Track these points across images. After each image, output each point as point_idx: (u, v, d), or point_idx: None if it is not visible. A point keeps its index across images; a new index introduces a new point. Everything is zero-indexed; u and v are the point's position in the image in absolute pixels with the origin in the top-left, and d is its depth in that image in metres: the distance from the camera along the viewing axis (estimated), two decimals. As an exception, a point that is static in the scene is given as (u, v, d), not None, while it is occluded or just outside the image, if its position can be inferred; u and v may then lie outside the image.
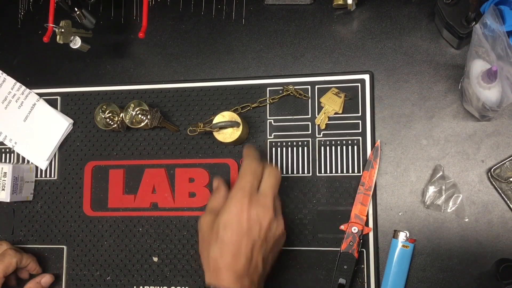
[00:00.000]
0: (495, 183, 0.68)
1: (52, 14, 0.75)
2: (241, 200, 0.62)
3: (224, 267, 0.61)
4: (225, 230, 0.62)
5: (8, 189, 0.76)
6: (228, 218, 0.62)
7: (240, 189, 0.63)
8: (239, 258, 0.61)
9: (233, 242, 0.61)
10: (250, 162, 0.66)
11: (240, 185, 0.64)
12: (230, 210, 0.62)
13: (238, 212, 0.62)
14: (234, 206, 0.62)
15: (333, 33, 0.76)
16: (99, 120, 0.77)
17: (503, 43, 0.60)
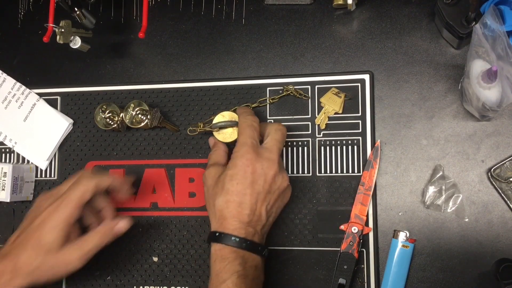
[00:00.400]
0: (495, 183, 0.68)
1: (52, 14, 0.75)
2: (246, 155, 0.65)
3: (229, 216, 0.64)
4: (231, 181, 0.65)
5: (8, 189, 0.76)
6: (234, 171, 0.65)
7: (243, 144, 0.66)
8: (244, 208, 0.64)
9: (238, 193, 0.64)
10: (245, 117, 0.69)
11: (242, 141, 0.66)
12: (236, 164, 0.65)
13: (244, 165, 0.65)
14: (239, 160, 0.65)
15: (333, 33, 0.76)
16: (99, 120, 0.77)
17: (503, 43, 0.60)
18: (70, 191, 0.66)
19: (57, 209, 0.64)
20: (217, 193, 0.66)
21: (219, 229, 0.65)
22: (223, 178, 0.66)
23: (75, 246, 0.65)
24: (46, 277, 0.65)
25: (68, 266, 0.65)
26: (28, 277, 0.63)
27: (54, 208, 0.64)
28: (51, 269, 0.64)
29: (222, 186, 0.65)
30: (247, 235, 0.64)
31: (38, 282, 0.64)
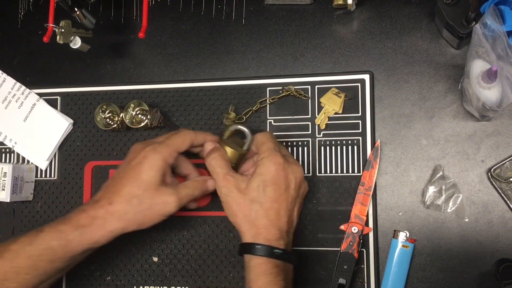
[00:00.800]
0: (495, 183, 0.68)
1: (52, 14, 0.75)
2: (276, 158, 0.64)
3: (269, 225, 0.63)
4: (267, 188, 0.63)
5: (8, 189, 0.76)
6: (268, 177, 0.63)
7: (270, 149, 0.65)
8: (282, 215, 0.64)
9: (276, 200, 0.63)
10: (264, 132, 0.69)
11: (268, 147, 0.65)
12: (269, 169, 0.63)
13: (277, 170, 0.63)
14: (272, 165, 0.63)
15: (333, 33, 0.76)
16: (99, 120, 0.77)
17: (503, 43, 0.60)
18: (169, 138, 0.67)
19: (156, 150, 0.65)
20: (253, 201, 0.63)
21: (259, 240, 0.62)
22: (256, 185, 0.63)
23: (172, 190, 0.65)
24: (140, 218, 0.64)
25: (166, 206, 0.64)
26: (120, 220, 0.63)
27: (152, 149, 0.65)
28: (148, 208, 0.64)
29: (257, 194, 0.63)
30: (286, 245, 0.64)
31: (131, 225, 0.64)
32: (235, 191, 0.64)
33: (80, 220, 0.63)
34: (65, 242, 0.62)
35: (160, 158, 0.65)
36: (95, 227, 0.63)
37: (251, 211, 0.63)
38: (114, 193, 0.64)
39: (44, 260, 0.62)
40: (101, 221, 0.63)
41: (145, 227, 0.65)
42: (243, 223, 0.64)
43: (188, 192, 0.66)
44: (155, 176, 0.64)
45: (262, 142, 0.66)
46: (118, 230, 0.64)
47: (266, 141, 0.66)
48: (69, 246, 0.63)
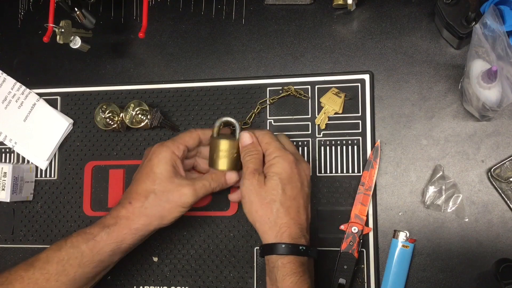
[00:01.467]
0: (495, 183, 0.68)
1: (52, 14, 0.75)
2: (288, 158, 0.65)
3: (292, 223, 0.63)
4: (286, 187, 0.64)
5: (8, 189, 0.76)
6: (285, 176, 0.64)
7: (278, 148, 0.66)
8: (302, 213, 0.65)
9: (295, 198, 0.64)
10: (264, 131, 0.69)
11: (276, 146, 0.66)
12: (285, 168, 0.64)
13: (292, 168, 0.65)
14: (287, 164, 0.65)
15: (333, 33, 0.76)
16: (99, 120, 0.77)
17: (503, 43, 0.60)
18: (177, 135, 0.69)
19: (162, 144, 0.67)
20: (274, 201, 0.64)
21: (283, 239, 0.63)
22: (275, 184, 0.64)
23: (187, 181, 0.66)
24: (160, 211, 0.65)
25: (182, 197, 0.65)
26: (142, 217, 0.65)
27: (159, 144, 0.67)
28: (165, 200, 0.65)
29: (277, 193, 0.64)
30: (307, 241, 0.65)
31: (153, 221, 0.65)
32: (258, 188, 0.65)
33: (105, 221, 0.66)
34: (92, 243, 0.64)
35: (167, 151, 0.66)
36: (120, 226, 0.65)
37: (272, 210, 0.64)
38: (132, 193, 0.67)
39: (73, 264, 0.64)
40: (125, 220, 0.65)
41: (168, 222, 0.66)
42: (264, 222, 0.64)
43: (204, 184, 0.67)
44: (166, 168, 0.66)
45: (268, 142, 0.67)
46: (142, 227, 0.65)
47: (272, 140, 0.67)
48: (96, 247, 0.64)
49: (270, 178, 0.64)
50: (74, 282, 0.64)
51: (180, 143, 0.68)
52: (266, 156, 0.67)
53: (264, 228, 0.64)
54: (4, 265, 0.80)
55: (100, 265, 0.65)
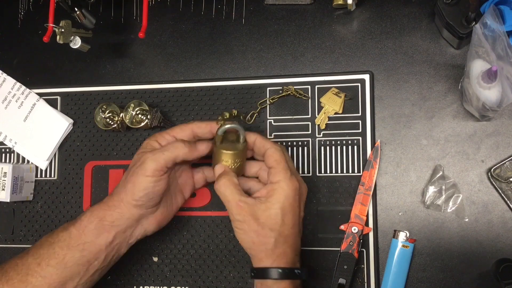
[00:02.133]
0: (495, 183, 0.68)
1: (52, 14, 0.75)
2: (293, 185, 0.63)
3: (289, 251, 0.63)
4: (285, 217, 0.62)
5: (8, 189, 0.76)
6: (286, 204, 0.62)
7: (285, 171, 0.63)
8: (298, 237, 0.65)
9: (293, 225, 0.63)
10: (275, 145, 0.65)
11: (283, 168, 0.63)
12: (287, 196, 0.62)
13: (293, 195, 0.63)
14: (289, 190, 0.63)
15: (333, 33, 0.76)
16: (99, 120, 0.77)
17: (503, 43, 0.60)
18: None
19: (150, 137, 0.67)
20: (272, 230, 0.62)
21: (280, 264, 0.62)
22: (275, 213, 0.62)
23: (151, 156, 0.63)
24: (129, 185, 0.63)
25: (142, 165, 0.63)
26: (115, 194, 0.65)
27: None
28: (131, 173, 0.64)
29: (276, 222, 0.62)
30: (300, 263, 0.65)
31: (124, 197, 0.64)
32: (251, 219, 0.62)
33: (93, 207, 0.65)
34: (78, 223, 0.64)
35: (152, 139, 0.67)
36: (99, 205, 0.65)
37: (270, 240, 0.62)
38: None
39: (62, 246, 0.63)
40: (104, 200, 0.65)
41: (139, 195, 0.63)
42: (260, 251, 0.63)
43: (166, 149, 0.63)
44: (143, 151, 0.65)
45: (276, 160, 0.64)
46: (116, 203, 0.64)
47: (282, 160, 0.64)
48: (82, 226, 0.63)
49: (271, 205, 0.62)
50: (64, 266, 0.62)
51: (167, 133, 0.67)
52: (270, 175, 0.64)
53: (260, 255, 0.63)
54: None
55: (87, 248, 0.63)
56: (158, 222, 0.67)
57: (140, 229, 0.66)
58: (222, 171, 0.65)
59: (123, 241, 0.66)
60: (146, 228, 0.67)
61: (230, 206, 0.63)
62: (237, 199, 0.62)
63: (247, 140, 0.66)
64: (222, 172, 0.65)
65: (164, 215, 0.68)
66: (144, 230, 0.67)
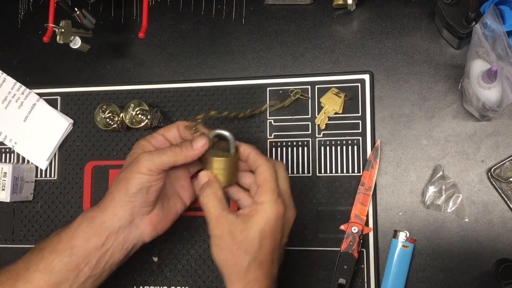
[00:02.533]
0: (495, 183, 0.68)
1: (52, 14, 0.75)
2: (277, 208, 0.59)
3: (263, 278, 0.59)
4: (263, 242, 0.59)
5: (8, 189, 0.76)
6: (266, 228, 0.59)
7: (271, 192, 0.59)
8: (275, 263, 0.61)
9: (271, 252, 0.60)
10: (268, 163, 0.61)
11: (271, 189, 0.60)
12: (268, 220, 0.59)
13: (276, 222, 0.59)
14: (274, 216, 0.59)
15: (333, 33, 0.76)
16: (99, 120, 0.77)
17: (503, 43, 0.60)
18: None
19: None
20: (247, 253, 0.58)
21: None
22: (253, 236, 0.58)
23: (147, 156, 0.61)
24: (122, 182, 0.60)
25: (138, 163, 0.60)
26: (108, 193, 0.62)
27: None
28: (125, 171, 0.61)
29: (253, 246, 0.58)
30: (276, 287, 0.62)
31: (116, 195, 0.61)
32: (228, 237, 0.59)
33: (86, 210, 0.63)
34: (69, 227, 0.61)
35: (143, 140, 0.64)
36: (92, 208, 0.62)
37: (244, 262, 0.58)
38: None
39: (51, 251, 0.60)
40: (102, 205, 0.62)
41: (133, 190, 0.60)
42: (232, 272, 0.59)
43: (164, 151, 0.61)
44: (136, 152, 0.63)
45: (265, 180, 0.60)
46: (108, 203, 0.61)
47: (270, 180, 0.60)
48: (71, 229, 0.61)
49: (250, 228, 0.58)
50: (51, 272, 0.59)
51: (156, 133, 0.65)
52: (256, 194, 0.60)
53: (231, 278, 0.60)
54: (4, 265, 0.80)
55: (76, 252, 0.60)
56: (154, 225, 0.63)
57: (135, 231, 0.62)
58: (207, 181, 0.62)
59: (116, 245, 0.61)
60: (142, 230, 0.62)
61: (210, 219, 0.60)
62: (218, 213, 0.60)
63: (241, 152, 0.63)
64: (206, 182, 0.62)
65: (160, 218, 0.64)
66: (140, 233, 0.62)
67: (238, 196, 0.65)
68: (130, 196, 0.60)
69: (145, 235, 0.63)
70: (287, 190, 0.63)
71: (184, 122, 0.65)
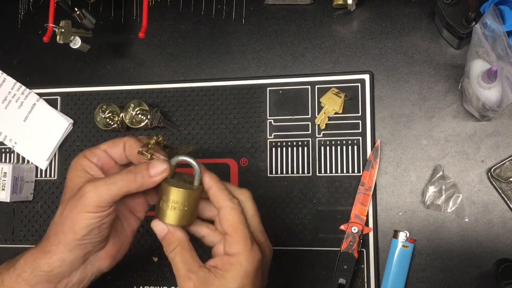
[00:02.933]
0: (495, 183, 0.68)
1: (52, 14, 0.75)
2: (252, 259, 0.52)
3: None
4: None
5: (8, 189, 0.76)
6: (245, 282, 0.52)
7: (244, 241, 0.52)
8: None
9: None
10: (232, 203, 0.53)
11: (242, 236, 0.52)
12: (244, 275, 0.52)
13: (254, 274, 0.52)
14: (251, 268, 0.52)
15: (333, 33, 0.76)
16: (99, 120, 0.77)
17: (503, 43, 0.60)
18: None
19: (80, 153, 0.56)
20: None
21: None
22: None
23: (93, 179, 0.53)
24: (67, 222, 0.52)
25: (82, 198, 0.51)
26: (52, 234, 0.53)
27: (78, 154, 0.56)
28: (69, 206, 0.52)
29: None
30: None
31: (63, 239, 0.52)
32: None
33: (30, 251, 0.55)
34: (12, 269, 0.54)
35: (79, 156, 0.55)
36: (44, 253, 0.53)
37: None
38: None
39: None
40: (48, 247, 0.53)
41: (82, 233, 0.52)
42: None
43: (113, 178, 0.52)
44: (76, 174, 0.54)
45: (233, 226, 0.52)
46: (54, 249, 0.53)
47: (239, 226, 0.52)
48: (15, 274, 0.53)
49: (226, 284, 0.51)
50: None
51: (97, 147, 0.55)
52: (226, 243, 0.53)
53: None
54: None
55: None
56: (113, 256, 0.56)
57: (91, 269, 0.55)
58: (171, 231, 0.53)
59: (71, 286, 0.54)
60: (99, 266, 0.56)
61: (178, 275, 0.53)
62: (187, 269, 0.52)
63: (204, 184, 0.54)
64: (170, 232, 0.53)
65: (118, 246, 0.57)
66: (97, 269, 0.55)
67: (202, 232, 0.56)
68: (79, 239, 0.52)
69: (103, 268, 0.56)
70: (259, 225, 0.56)
71: (133, 139, 0.55)
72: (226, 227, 0.53)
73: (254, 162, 0.75)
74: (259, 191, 0.74)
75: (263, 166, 0.74)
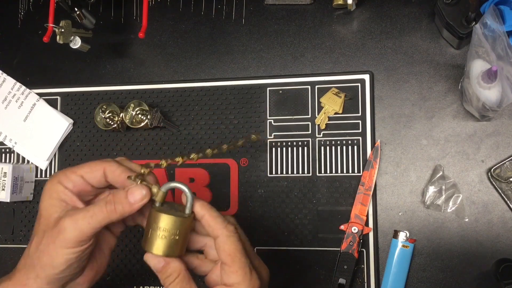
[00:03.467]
0: (495, 183, 0.68)
1: (52, 14, 0.75)
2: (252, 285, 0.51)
3: None
4: None
5: (8, 189, 0.76)
6: None
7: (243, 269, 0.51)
8: None
9: None
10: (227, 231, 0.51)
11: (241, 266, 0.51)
12: None
13: None
14: None
15: (333, 33, 0.76)
16: (99, 120, 0.77)
17: (503, 43, 0.60)
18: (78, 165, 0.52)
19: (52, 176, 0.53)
20: None
21: None
22: None
23: (70, 212, 0.50)
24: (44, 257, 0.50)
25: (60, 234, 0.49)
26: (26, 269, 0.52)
27: (50, 177, 0.54)
28: (45, 241, 0.50)
29: None
30: None
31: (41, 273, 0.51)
32: None
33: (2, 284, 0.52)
34: None
35: (52, 182, 0.52)
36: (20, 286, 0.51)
37: None
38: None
39: None
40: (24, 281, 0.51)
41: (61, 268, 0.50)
42: None
43: (92, 211, 0.50)
44: (50, 203, 0.51)
45: (231, 256, 0.51)
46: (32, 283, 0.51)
47: (237, 254, 0.51)
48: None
49: None
50: None
51: (73, 172, 0.52)
52: (224, 274, 0.51)
53: None
54: (4, 265, 0.80)
55: None
56: (90, 280, 0.54)
57: None
58: (168, 262, 0.51)
59: None
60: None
61: None
62: None
63: (195, 212, 0.52)
64: (168, 263, 0.51)
65: (96, 269, 0.55)
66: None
67: (193, 263, 0.55)
68: (57, 273, 0.50)
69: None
70: (251, 250, 0.54)
71: (114, 165, 0.52)
72: (223, 257, 0.51)
73: (254, 162, 0.75)
74: (259, 191, 0.74)
75: (263, 166, 0.74)
